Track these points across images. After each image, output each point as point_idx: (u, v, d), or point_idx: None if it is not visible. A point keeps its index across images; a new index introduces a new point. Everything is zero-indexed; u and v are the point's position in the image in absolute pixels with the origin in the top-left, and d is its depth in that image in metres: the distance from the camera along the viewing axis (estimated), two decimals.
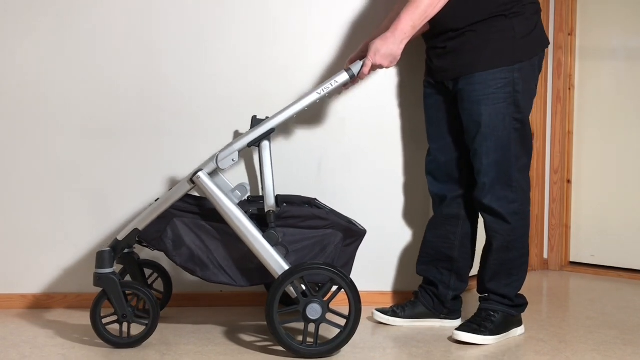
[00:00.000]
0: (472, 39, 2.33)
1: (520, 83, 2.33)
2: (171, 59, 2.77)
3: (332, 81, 2.33)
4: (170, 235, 2.31)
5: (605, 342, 2.42)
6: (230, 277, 2.32)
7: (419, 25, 2.29)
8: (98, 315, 2.29)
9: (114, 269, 2.30)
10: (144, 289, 2.31)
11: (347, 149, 2.84)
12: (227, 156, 2.28)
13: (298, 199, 2.55)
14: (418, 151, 2.83)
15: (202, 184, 2.25)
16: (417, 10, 2.26)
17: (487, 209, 2.42)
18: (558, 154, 3.66)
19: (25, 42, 2.73)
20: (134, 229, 2.31)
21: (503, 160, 2.37)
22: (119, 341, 2.30)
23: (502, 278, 2.46)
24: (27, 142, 2.76)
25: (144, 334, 2.30)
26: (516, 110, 2.35)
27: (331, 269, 2.20)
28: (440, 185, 2.57)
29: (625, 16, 3.52)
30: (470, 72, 2.35)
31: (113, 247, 2.33)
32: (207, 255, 2.31)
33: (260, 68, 2.79)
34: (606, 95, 3.59)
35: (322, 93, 2.33)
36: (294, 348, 2.21)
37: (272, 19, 2.79)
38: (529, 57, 2.34)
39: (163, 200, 2.30)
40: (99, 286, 2.28)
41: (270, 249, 2.23)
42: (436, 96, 2.53)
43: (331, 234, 2.34)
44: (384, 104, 2.84)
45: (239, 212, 2.24)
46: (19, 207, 2.77)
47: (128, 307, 2.29)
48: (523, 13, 2.32)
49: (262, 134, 2.32)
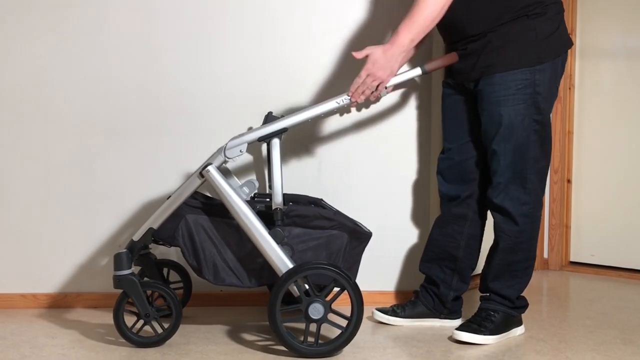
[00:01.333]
0: (493, 39, 2.31)
1: (541, 84, 2.32)
2: (172, 59, 2.77)
3: None
4: (184, 232, 2.32)
5: (605, 342, 2.42)
6: (238, 279, 2.33)
7: (417, 39, 2.29)
8: (121, 317, 2.29)
9: (132, 270, 2.31)
10: (165, 287, 2.33)
11: (348, 148, 2.84)
12: (236, 146, 2.28)
13: (304, 198, 2.55)
14: (420, 151, 2.83)
15: (212, 178, 2.25)
16: (414, 25, 2.26)
17: (498, 208, 2.41)
18: (558, 154, 3.66)
19: (25, 42, 2.73)
20: (149, 228, 2.32)
21: (520, 161, 2.36)
22: (144, 341, 2.30)
23: (505, 279, 2.45)
24: (28, 142, 2.76)
25: (168, 332, 2.31)
26: (536, 112, 2.33)
27: (335, 270, 2.20)
28: (450, 184, 2.56)
29: (625, 16, 3.52)
30: (491, 73, 2.33)
31: (130, 248, 2.33)
32: (217, 257, 2.32)
33: (262, 68, 2.78)
34: (606, 95, 3.59)
35: (340, 103, 2.34)
36: (294, 347, 2.21)
37: (275, 19, 2.79)
38: (551, 58, 2.32)
39: (175, 197, 2.30)
40: (119, 288, 2.29)
41: (276, 247, 2.23)
42: (455, 96, 2.51)
43: (337, 235, 2.34)
44: (387, 103, 2.83)
45: (247, 208, 2.24)
46: (18, 206, 2.77)
47: (150, 306, 2.29)
48: (545, 13, 2.30)
49: (273, 130, 2.32)
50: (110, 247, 2.79)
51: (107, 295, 2.76)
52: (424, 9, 2.24)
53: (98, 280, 2.79)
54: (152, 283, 2.40)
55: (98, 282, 2.79)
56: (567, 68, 3.62)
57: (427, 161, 2.85)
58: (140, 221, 2.77)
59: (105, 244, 2.80)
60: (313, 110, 2.34)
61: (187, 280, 2.69)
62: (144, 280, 2.40)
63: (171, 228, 2.32)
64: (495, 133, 2.36)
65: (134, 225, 2.78)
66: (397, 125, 2.84)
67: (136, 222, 2.78)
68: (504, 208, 2.39)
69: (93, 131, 2.76)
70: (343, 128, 2.83)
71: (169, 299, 2.31)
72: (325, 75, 2.79)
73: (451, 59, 2.40)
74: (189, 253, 2.32)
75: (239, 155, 2.29)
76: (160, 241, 2.38)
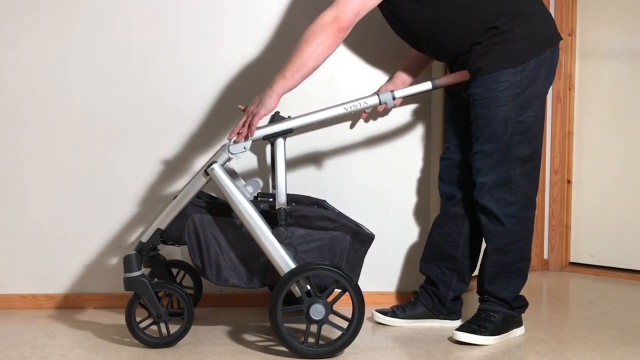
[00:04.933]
0: (478, 49, 2.33)
1: (524, 85, 2.32)
2: (171, 60, 2.77)
3: (362, 101, 2.35)
4: (191, 232, 2.32)
5: (605, 342, 2.42)
6: (241, 279, 2.33)
7: (296, 85, 2.27)
8: (133, 318, 2.29)
9: (142, 272, 2.31)
10: (176, 287, 2.33)
11: (349, 148, 2.84)
12: (240, 143, 2.28)
13: (307, 199, 2.56)
14: (419, 151, 2.83)
15: (216, 176, 2.24)
16: (288, 81, 2.25)
17: (483, 209, 2.41)
18: (558, 154, 3.66)
19: (26, 42, 2.73)
20: (156, 229, 2.31)
21: (504, 162, 2.36)
22: (157, 341, 2.30)
23: (500, 281, 2.45)
24: (27, 142, 2.76)
25: (180, 332, 2.32)
26: (520, 113, 2.34)
27: (337, 271, 2.20)
28: (447, 184, 2.57)
29: (625, 16, 3.52)
30: (477, 77, 2.34)
31: (139, 249, 2.33)
32: (221, 257, 2.32)
33: (261, 69, 2.78)
34: (606, 96, 3.59)
35: (348, 109, 2.34)
36: (295, 347, 2.20)
37: (273, 21, 2.79)
38: (533, 57, 2.33)
39: (181, 197, 2.30)
40: (130, 290, 2.28)
41: (279, 246, 2.23)
42: (456, 100, 2.54)
43: (340, 236, 2.34)
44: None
45: (250, 207, 2.24)
46: (18, 207, 2.77)
47: (162, 307, 2.29)
48: (522, 14, 2.32)
49: (279, 130, 2.32)
50: (112, 248, 2.79)
51: (108, 296, 2.76)
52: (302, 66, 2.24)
53: (99, 281, 2.79)
54: (162, 284, 2.40)
55: (99, 283, 2.79)
56: (567, 68, 3.62)
57: (427, 161, 2.85)
58: (142, 221, 2.78)
59: (107, 245, 2.80)
60: (320, 114, 2.34)
61: (197, 280, 2.69)
62: (155, 282, 2.40)
63: (178, 228, 2.32)
64: (479, 134, 2.37)
65: (135, 225, 2.79)
66: (398, 125, 2.84)
67: (138, 223, 2.79)
68: (489, 209, 2.39)
69: (95, 131, 2.76)
70: (344, 128, 2.83)
71: (181, 300, 2.31)
72: (332, 78, 2.79)
73: (462, 77, 2.40)
74: (195, 253, 2.32)
75: (242, 152, 2.27)
76: (169, 241, 2.38)
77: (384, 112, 2.77)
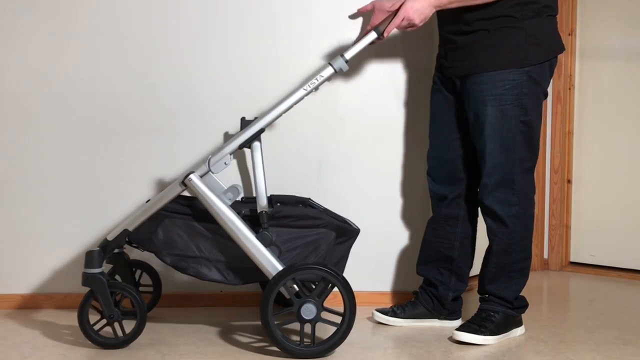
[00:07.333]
0: (484, 38, 2.32)
1: (529, 85, 2.32)
2: (170, 60, 2.77)
3: (318, 76, 2.35)
4: (161, 235, 2.31)
5: (605, 342, 2.42)
6: (223, 276, 2.32)
7: (447, 6, 2.28)
8: (85, 315, 2.27)
9: (102, 269, 2.29)
10: (130, 289, 2.30)
11: (347, 148, 2.84)
12: (219, 160, 2.29)
13: (292, 198, 2.56)
14: (418, 151, 2.82)
15: (194, 186, 2.25)
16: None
17: (488, 211, 2.41)
18: (558, 154, 3.66)
19: (26, 42, 2.73)
20: (123, 229, 2.31)
21: (507, 162, 2.36)
22: (106, 342, 2.28)
23: (502, 281, 2.45)
24: (25, 142, 2.75)
25: (131, 335, 2.29)
26: (523, 113, 2.33)
27: (323, 268, 2.20)
28: (439, 184, 2.57)
29: (625, 16, 3.52)
30: (479, 72, 2.33)
31: (102, 247, 2.32)
32: (199, 255, 2.31)
33: (260, 68, 2.78)
34: (606, 95, 3.59)
35: (308, 89, 2.34)
36: (289, 349, 2.20)
37: (272, 19, 2.79)
38: (540, 61, 2.33)
39: (154, 202, 2.30)
40: (87, 286, 2.28)
41: (264, 250, 2.23)
42: (444, 93, 2.51)
43: (324, 233, 2.34)
44: (384, 103, 2.83)
45: (232, 213, 2.24)
46: (17, 207, 2.76)
47: (115, 307, 2.28)
48: (537, 16, 2.31)
49: (252, 135, 2.33)
50: None
51: None
52: None
53: None
54: (119, 284, 2.38)
55: None
56: (567, 68, 3.62)
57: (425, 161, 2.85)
58: None
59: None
60: (284, 104, 2.33)
61: (157, 283, 2.69)
62: (112, 281, 2.38)
63: (148, 231, 2.31)
64: (481, 132, 2.36)
65: None
66: (396, 125, 2.84)
67: None
68: (494, 211, 2.39)
69: (90, 132, 2.76)
70: (343, 128, 2.84)
71: (134, 302, 2.28)
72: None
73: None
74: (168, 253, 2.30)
75: (224, 168, 2.29)
76: (135, 244, 2.36)
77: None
